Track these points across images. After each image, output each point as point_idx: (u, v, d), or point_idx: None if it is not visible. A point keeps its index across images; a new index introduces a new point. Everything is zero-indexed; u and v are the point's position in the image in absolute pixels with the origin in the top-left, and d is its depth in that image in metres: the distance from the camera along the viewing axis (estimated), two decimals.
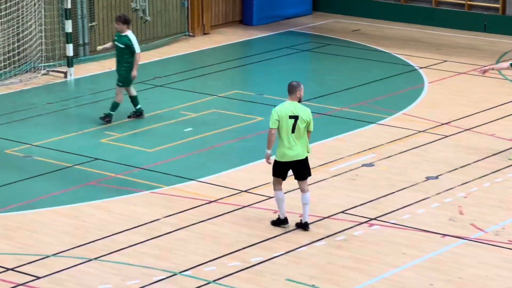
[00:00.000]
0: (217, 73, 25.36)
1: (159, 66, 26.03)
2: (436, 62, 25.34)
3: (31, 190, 18.06)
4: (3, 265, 14.54)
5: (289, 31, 28.49)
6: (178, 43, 27.70)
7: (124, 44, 21.20)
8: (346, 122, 21.52)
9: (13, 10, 23.98)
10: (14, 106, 22.73)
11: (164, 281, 14.09)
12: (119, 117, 21.90)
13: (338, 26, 28.83)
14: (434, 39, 27.17)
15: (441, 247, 15.39)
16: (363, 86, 24.06)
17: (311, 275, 14.27)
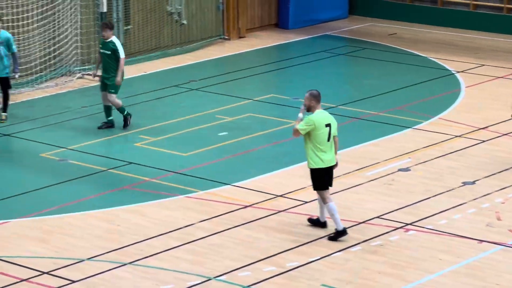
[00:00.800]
0: (253, 77, 25.41)
1: (194, 70, 25.99)
2: (473, 66, 25.25)
3: (66, 194, 18.05)
4: (39, 268, 14.57)
5: (325, 34, 28.51)
6: (213, 46, 27.77)
7: (111, 50, 21.18)
8: (382, 126, 21.51)
9: (49, 14, 24.33)
10: (49, 109, 22.75)
11: (198, 286, 14.04)
12: (152, 122, 22.05)
13: (374, 30, 28.98)
14: (471, 43, 27.12)
15: (478, 253, 15.26)
16: (400, 90, 24.07)
17: (346, 280, 14.21)
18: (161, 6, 26.93)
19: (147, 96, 23.81)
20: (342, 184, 18.17)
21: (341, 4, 30.20)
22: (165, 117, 22.26)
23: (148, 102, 23.47)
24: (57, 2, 24.32)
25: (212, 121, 22.05)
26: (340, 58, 26.62)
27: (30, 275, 14.38)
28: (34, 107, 22.92)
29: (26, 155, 20.45)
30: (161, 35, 27.06)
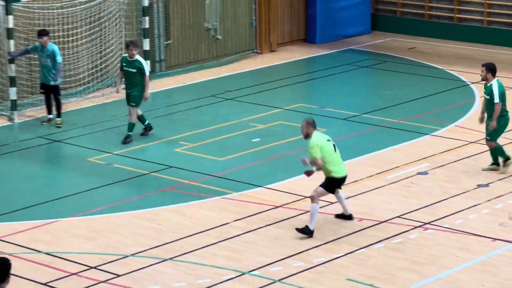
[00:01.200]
0: (283, 88, 25.38)
1: (229, 81, 26.05)
2: None
3: (112, 195, 18.32)
4: (87, 263, 14.80)
5: (349, 49, 28.68)
6: (246, 59, 27.79)
7: (136, 68, 20.96)
8: (402, 133, 21.57)
9: (96, 31, 24.52)
10: (96, 117, 22.95)
11: (234, 280, 14.21)
12: (190, 129, 22.12)
13: (394, 44, 29.16)
14: (485, 56, 26.90)
15: (492, 250, 15.44)
16: (419, 100, 24.05)
17: (370, 275, 14.41)
18: (199, 23, 27.12)
19: (186, 105, 23.92)
20: (365, 186, 18.53)
21: (364, 20, 30.04)
22: (203, 125, 22.25)
23: (187, 111, 23.56)
24: (104, 19, 24.50)
25: (246, 128, 22.14)
26: (364, 70, 26.92)
27: (79, 270, 14.65)
28: (82, 115, 23.02)
29: (75, 160, 20.56)
30: (199, 49, 27.03)
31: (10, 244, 15.86)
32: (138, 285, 14.21)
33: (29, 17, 23.23)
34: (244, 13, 28.21)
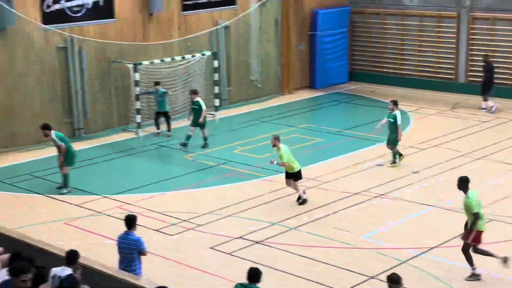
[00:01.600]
0: (297, 115, 25.05)
1: (264, 111, 25.37)
2: (417, 108, 25.22)
3: (198, 178, 18.56)
4: (181, 218, 15.40)
5: (336, 92, 28.12)
6: (275, 98, 27.24)
7: (198, 105, 20.48)
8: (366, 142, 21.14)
9: (187, 81, 24.06)
10: (185, 131, 21.54)
11: (268, 228, 14.73)
12: (243, 139, 21.89)
13: (362, 89, 28.43)
14: (417, 95, 26.91)
15: (421, 210, 15.72)
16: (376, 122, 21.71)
17: (347, 226, 14.69)
18: (247, 77, 26.68)
19: (240, 125, 23.82)
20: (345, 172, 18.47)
21: (344, 75, 29.38)
22: (250, 137, 22.06)
23: (241, 129, 23.37)
24: (191, 74, 24.02)
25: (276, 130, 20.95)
26: (344, 104, 26.53)
27: (175, 222, 15.20)
28: (176, 132, 22.32)
29: (176, 157, 20.71)
30: (248, 92, 26.80)
31: (136, 207, 16.16)
32: (219, 230, 14.73)
33: (148, 73, 22.88)
34: (273, 71, 27.49)
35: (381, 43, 29.11)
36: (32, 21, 20.44)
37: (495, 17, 26.18)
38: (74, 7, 21.46)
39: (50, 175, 18.47)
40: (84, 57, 21.69)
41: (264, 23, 26.64)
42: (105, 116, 22.64)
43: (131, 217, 11.25)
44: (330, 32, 28.49)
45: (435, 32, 27.66)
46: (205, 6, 24.80)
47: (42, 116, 20.53)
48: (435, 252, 13.38)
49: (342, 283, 12.15)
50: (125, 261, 11.02)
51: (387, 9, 28.59)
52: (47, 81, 21.21)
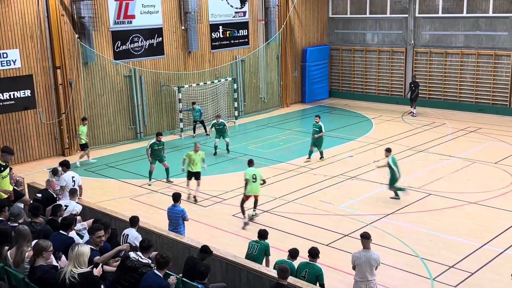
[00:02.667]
0: (291, 121, 24.66)
1: (268, 120, 24.93)
2: (377, 116, 24.97)
3: (220, 167, 18.03)
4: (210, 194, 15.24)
5: (319, 105, 27.82)
6: (276, 110, 26.85)
7: (223, 125, 18.97)
8: (341, 140, 20.71)
9: (215, 98, 24.07)
10: None
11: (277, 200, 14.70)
12: (254, 138, 21.57)
13: (339, 103, 28.06)
14: (376, 107, 26.66)
15: (373, 190, 15.27)
16: (348, 126, 22.91)
17: (325, 199, 14.65)
18: (257, 94, 26.54)
19: (252, 129, 23.43)
20: (329, 161, 18.04)
21: (325, 92, 29.18)
22: (258, 137, 21.69)
23: (252, 132, 22.88)
24: (218, 93, 23.87)
25: (276, 138, 21.53)
26: (326, 114, 25.68)
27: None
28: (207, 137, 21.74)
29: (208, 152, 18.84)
30: (257, 105, 26.64)
31: (180, 187, 15.49)
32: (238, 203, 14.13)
33: (187, 93, 22.93)
34: (276, 90, 27.29)
35: (351, 70, 29.05)
36: (107, 58, 20.80)
37: (431, 51, 26.58)
38: (136, 48, 21.73)
39: (121, 165, 18.60)
40: (143, 82, 21.91)
41: (269, 57, 26.70)
42: (158, 123, 22.64)
43: (176, 194, 11.30)
44: (315, 63, 28.55)
45: (389, 62, 27.66)
46: (227, 46, 24.83)
47: (114, 123, 21.35)
48: (390, 217, 13.34)
49: (325, 239, 12.12)
50: (173, 225, 11.10)
51: (355, 46, 28.64)
52: (117, 98, 21.45)
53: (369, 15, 28.48)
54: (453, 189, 14.94)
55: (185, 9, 22.92)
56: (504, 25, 24.66)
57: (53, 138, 20.30)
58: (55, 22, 19.03)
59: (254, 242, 9.36)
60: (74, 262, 6.12)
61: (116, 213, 10.97)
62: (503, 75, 24.95)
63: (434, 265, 10.67)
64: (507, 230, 12.24)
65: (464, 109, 25.77)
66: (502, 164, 17.08)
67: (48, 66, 19.77)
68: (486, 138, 20.33)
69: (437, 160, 17.83)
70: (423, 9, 27.03)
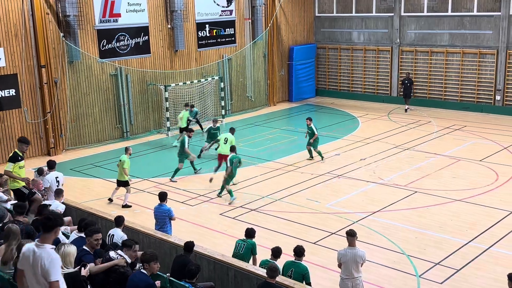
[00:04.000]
0: (279, 120, 24.62)
1: (256, 118, 24.78)
2: (363, 114, 25.01)
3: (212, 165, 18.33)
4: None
5: (306, 104, 27.87)
6: (264, 109, 26.81)
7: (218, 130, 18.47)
8: (329, 139, 20.54)
9: (202, 97, 23.82)
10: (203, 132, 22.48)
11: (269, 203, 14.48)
12: (243, 137, 21.16)
13: (325, 101, 28.09)
14: (363, 105, 26.92)
15: (363, 187, 15.35)
16: (334, 125, 22.95)
17: (311, 196, 14.62)
18: (244, 93, 26.44)
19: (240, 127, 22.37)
20: (316, 159, 18.10)
21: (312, 91, 29.15)
22: (247, 135, 21.54)
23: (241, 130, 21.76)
24: (205, 92, 23.86)
25: (263, 137, 21.39)
26: (312, 112, 25.56)
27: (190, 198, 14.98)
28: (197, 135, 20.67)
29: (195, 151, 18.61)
30: (244, 104, 26.55)
31: (167, 186, 15.73)
32: (225, 201, 14.58)
33: (174, 92, 22.83)
34: (262, 89, 27.19)
35: (337, 68, 29.09)
36: (92, 56, 20.60)
37: (416, 50, 26.59)
38: (122, 46, 21.61)
39: (107, 165, 18.43)
40: (129, 81, 21.79)
41: (256, 56, 26.64)
42: (144, 122, 22.58)
43: (163, 193, 11.24)
44: (302, 62, 28.53)
45: (375, 60, 27.67)
46: (214, 44, 24.77)
47: (100, 122, 21.26)
48: (377, 215, 13.33)
49: (312, 237, 12.11)
50: (159, 224, 11.02)
51: (341, 45, 28.70)
52: (103, 98, 21.32)
53: (355, 14, 28.73)
54: (439, 187, 14.97)
55: (171, 7, 22.94)
56: (489, 24, 24.89)
57: (38, 138, 20.19)
58: (39, 21, 18.88)
59: (241, 241, 9.33)
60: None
61: (103, 212, 10.85)
62: (487, 73, 25.18)
63: (420, 262, 10.69)
64: (492, 227, 12.28)
65: (449, 107, 26.01)
66: (487, 162, 17.18)
67: (33, 65, 19.64)
68: (471, 136, 20.42)
69: (423, 158, 17.86)
70: (409, 8, 27.23)
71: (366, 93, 28.05)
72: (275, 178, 16.23)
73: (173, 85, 22.41)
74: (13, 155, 10.30)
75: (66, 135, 20.59)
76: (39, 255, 5.24)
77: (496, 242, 11.54)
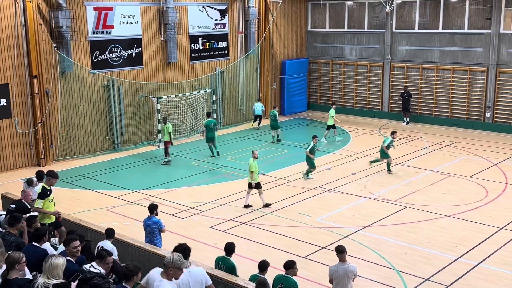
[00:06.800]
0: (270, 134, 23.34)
1: (247, 132, 24.78)
2: (355, 129, 24.85)
3: (202, 177, 17.92)
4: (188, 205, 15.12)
5: (298, 117, 27.93)
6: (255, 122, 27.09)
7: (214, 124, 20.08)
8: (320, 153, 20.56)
9: (194, 109, 23.72)
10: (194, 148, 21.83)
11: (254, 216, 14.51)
12: (232, 150, 21.55)
13: (316, 115, 28.13)
14: (354, 120, 26.67)
15: (357, 200, 15.40)
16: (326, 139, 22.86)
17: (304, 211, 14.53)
18: (236, 106, 26.52)
19: (228, 141, 22.96)
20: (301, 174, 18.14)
21: (304, 105, 29.25)
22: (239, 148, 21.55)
23: (230, 143, 22.40)
24: (197, 104, 23.69)
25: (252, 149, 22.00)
26: (304, 126, 26.01)
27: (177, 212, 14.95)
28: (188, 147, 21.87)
29: (186, 163, 19.85)
30: (236, 117, 26.61)
31: (157, 198, 15.80)
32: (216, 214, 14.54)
33: (165, 104, 22.35)
34: (255, 102, 26.39)
35: (329, 83, 29.21)
36: (85, 67, 20.61)
37: (407, 66, 26.97)
38: (115, 58, 21.64)
39: (97, 176, 18.46)
40: (121, 92, 21.76)
41: (248, 69, 26.66)
42: (136, 134, 22.53)
43: (152, 205, 11.18)
44: (294, 76, 28.66)
45: (367, 76, 27.81)
46: (207, 57, 24.85)
47: (91, 133, 21.27)
48: (367, 230, 13.31)
49: (302, 252, 12.06)
50: (149, 236, 10.95)
51: (333, 60, 28.87)
52: (95, 109, 21.28)
53: (347, 29, 29.01)
54: (429, 202, 15.02)
55: (165, 20, 23.05)
56: (479, 41, 25.16)
57: (28, 148, 20.08)
58: (32, 31, 18.88)
59: (220, 259, 9.13)
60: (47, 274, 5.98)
61: (92, 224, 10.77)
62: (477, 90, 25.41)
63: (410, 278, 10.68)
64: (481, 243, 12.31)
65: (440, 123, 26.22)
66: (477, 178, 17.26)
67: (24, 75, 19.60)
68: (461, 152, 20.50)
69: (413, 173, 17.93)
70: (400, 25, 27.54)
71: (358, 108, 28.13)
72: (266, 192, 15.94)
73: (165, 97, 22.36)
74: (41, 192, 10.26)
75: (56, 145, 20.58)
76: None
77: (486, 258, 11.55)
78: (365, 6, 28.41)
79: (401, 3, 27.39)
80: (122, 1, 21.92)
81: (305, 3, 29.90)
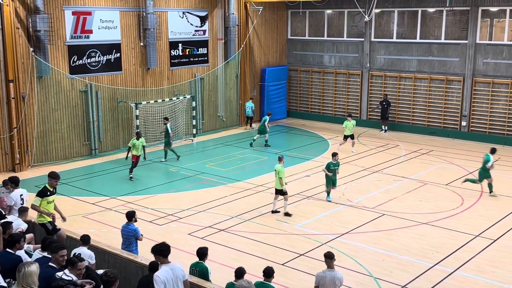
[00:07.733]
0: (249, 141, 23.82)
1: (226, 138, 24.85)
2: (334, 137, 25.14)
3: (181, 184, 17.90)
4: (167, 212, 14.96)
5: (278, 124, 27.94)
6: (235, 129, 26.82)
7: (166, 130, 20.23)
8: (298, 160, 20.67)
9: (174, 115, 23.75)
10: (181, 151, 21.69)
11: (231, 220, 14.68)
12: (212, 156, 21.72)
13: (296, 122, 28.33)
14: (333, 127, 26.88)
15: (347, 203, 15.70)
16: (304, 146, 23.17)
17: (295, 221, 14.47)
18: (215, 113, 26.46)
19: (211, 147, 23.24)
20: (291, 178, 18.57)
21: (283, 112, 29.41)
22: (218, 154, 21.53)
23: (212, 150, 22.61)
24: (177, 110, 23.74)
25: (235, 156, 21.49)
26: (284, 133, 26.20)
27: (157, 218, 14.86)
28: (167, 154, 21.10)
29: (164, 169, 19.91)
30: (216, 123, 26.62)
31: (135, 205, 15.79)
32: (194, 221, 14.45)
33: (144, 109, 22.66)
34: (234, 109, 27.24)
35: (308, 91, 29.41)
36: (62, 72, 20.46)
37: (385, 75, 27.14)
38: (93, 63, 21.52)
39: (74, 182, 18.25)
40: (99, 97, 21.59)
41: (228, 76, 26.76)
42: (114, 140, 22.35)
43: (130, 212, 11.07)
44: (274, 83, 28.82)
45: (346, 84, 28.11)
46: (187, 64, 24.86)
47: (68, 139, 21.11)
48: (345, 237, 13.34)
49: (280, 259, 12.04)
50: (126, 243, 10.84)
51: (313, 68, 29.15)
52: (72, 114, 21.11)
53: (326, 37, 29.29)
54: (406, 210, 15.14)
55: (145, 25, 22.98)
56: (456, 51, 25.56)
57: (3, 153, 19.79)
58: (9, 35, 18.70)
59: (194, 265, 9.05)
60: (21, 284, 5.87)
61: (68, 231, 10.64)
62: (454, 99, 25.81)
63: (387, 285, 10.70)
64: (457, 251, 12.44)
65: (417, 131, 26.54)
66: (453, 186, 17.47)
67: (0, 79, 19.33)
68: (438, 160, 20.74)
69: (391, 181, 18.04)
70: (379, 34, 27.87)
71: (337, 116, 28.26)
72: (244, 199, 16.16)
73: (144, 103, 22.35)
74: (42, 190, 10.40)
75: (32, 151, 20.29)
76: None
77: (461, 265, 11.64)
78: (344, 15, 28.71)
79: (379, 13, 27.75)
80: (101, 6, 21.90)
81: (285, 11, 30.14)
